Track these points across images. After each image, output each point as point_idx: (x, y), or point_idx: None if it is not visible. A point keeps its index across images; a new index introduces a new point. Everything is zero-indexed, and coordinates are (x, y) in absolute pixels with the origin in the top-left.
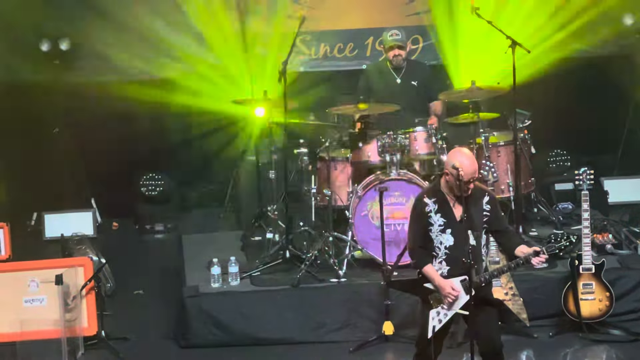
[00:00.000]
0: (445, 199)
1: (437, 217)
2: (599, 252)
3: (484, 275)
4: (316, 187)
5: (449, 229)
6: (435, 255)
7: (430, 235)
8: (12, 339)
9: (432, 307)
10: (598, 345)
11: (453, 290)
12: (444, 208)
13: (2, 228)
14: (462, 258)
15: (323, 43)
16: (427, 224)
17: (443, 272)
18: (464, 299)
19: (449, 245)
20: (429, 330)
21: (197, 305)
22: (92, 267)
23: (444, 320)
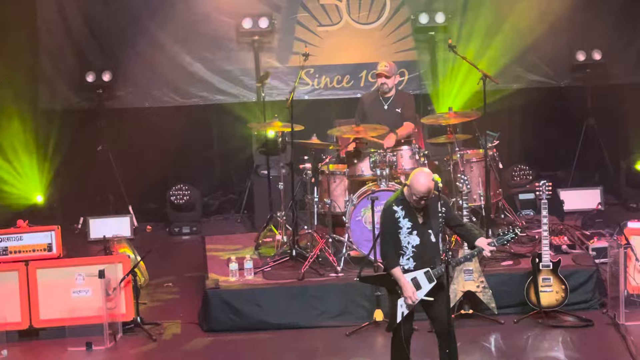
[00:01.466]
0: (409, 206)
1: (405, 221)
2: (556, 252)
3: (441, 267)
4: (318, 197)
5: (415, 230)
6: (403, 253)
7: (400, 237)
8: (62, 323)
9: (399, 296)
10: (555, 330)
11: (413, 295)
12: (409, 213)
13: (54, 230)
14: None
15: (324, 75)
16: (397, 228)
17: (410, 266)
18: (428, 288)
19: (415, 244)
20: (398, 316)
21: (217, 296)
22: (129, 263)
23: (410, 307)
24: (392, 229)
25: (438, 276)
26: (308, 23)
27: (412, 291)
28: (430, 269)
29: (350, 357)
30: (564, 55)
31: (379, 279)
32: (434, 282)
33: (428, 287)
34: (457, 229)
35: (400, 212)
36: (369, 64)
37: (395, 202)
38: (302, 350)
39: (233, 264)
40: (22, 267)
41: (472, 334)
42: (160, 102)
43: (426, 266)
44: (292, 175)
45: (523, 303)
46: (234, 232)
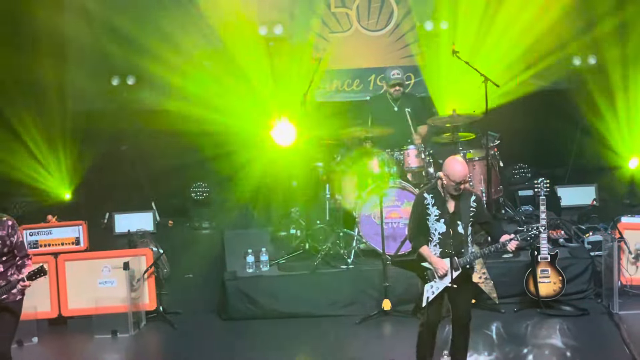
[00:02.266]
0: (440, 196)
1: (433, 209)
2: (554, 245)
3: (468, 256)
4: (330, 193)
5: (442, 219)
6: (431, 239)
7: (427, 224)
8: (89, 312)
9: (427, 281)
10: (553, 319)
11: (444, 266)
12: (439, 202)
13: (82, 225)
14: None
15: (335, 79)
16: (425, 214)
17: (436, 253)
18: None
19: (442, 231)
20: (424, 300)
21: (235, 287)
22: (152, 256)
23: (436, 292)
24: (420, 214)
25: (463, 265)
26: (320, 29)
27: (442, 264)
28: (456, 257)
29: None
30: (561, 60)
31: (410, 264)
32: (459, 271)
33: (453, 274)
34: (485, 225)
35: (430, 199)
36: (378, 68)
37: (427, 190)
38: (315, 338)
39: (250, 256)
40: (51, 260)
41: (475, 323)
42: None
43: (451, 254)
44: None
45: (522, 293)
46: (251, 227)
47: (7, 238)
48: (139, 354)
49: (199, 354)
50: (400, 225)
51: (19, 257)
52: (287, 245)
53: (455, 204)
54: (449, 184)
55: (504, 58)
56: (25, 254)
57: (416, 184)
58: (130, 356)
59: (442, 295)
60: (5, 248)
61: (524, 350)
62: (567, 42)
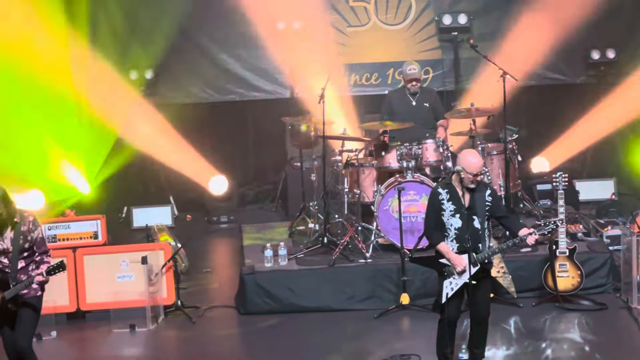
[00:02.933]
0: (455, 190)
1: (448, 204)
2: (572, 239)
3: (486, 252)
4: (348, 187)
5: (457, 214)
6: (447, 235)
7: (443, 219)
8: (107, 306)
9: (446, 278)
10: (571, 313)
11: (462, 262)
12: (454, 197)
13: (100, 219)
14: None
15: (354, 73)
16: (440, 210)
17: (453, 248)
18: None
19: (457, 226)
20: (443, 296)
21: (253, 281)
22: (170, 250)
23: (455, 289)
24: (435, 210)
25: (481, 261)
26: (338, 24)
27: (460, 260)
28: (474, 253)
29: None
30: (579, 54)
31: (429, 261)
32: (477, 267)
33: (472, 270)
34: (502, 219)
35: (445, 195)
36: (396, 62)
37: (442, 186)
38: (333, 332)
39: (268, 250)
40: (70, 254)
41: (493, 317)
42: (198, 98)
43: (468, 250)
44: (323, 167)
45: (541, 287)
46: (269, 221)
47: (29, 234)
48: (157, 348)
49: (217, 348)
50: (418, 220)
51: (39, 253)
52: (306, 240)
53: (470, 198)
54: (466, 177)
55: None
56: (45, 250)
57: (434, 178)
58: (149, 350)
59: (461, 290)
60: (26, 244)
61: (542, 344)
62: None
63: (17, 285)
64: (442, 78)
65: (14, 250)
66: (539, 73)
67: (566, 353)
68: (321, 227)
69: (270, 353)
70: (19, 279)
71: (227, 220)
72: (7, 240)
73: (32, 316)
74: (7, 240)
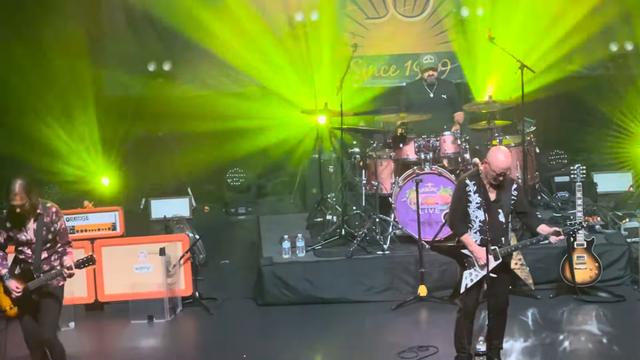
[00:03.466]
0: (482, 183)
1: (475, 196)
2: (590, 231)
3: (509, 247)
4: (366, 179)
5: (483, 206)
6: (471, 227)
7: (468, 211)
8: (126, 298)
9: (466, 269)
10: (589, 305)
11: (485, 255)
12: (481, 190)
13: (118, 211)
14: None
15: (371, 65)
16: (466, 201)
17: (477, 240)
18: (492, 265)
19: (482, 219)
20: (462, 287)
21: (271, 272)
22: (188, 241)
23: (475, 280)
24: (461, 201)
25: (503, 255)
26: (356, 16)
27: (483, 254)
28: (497, 247)
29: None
30: (597, 46)
31: (449, 250)
32: (499, 260)
33: (493, 264)
34: (522, 215)
35: (472, 187)
36: (414, 54)
37: (469, 177)
38: (350, 323)
39: (286, 242)
40: (88, 245)
41: (511, 309)
42: (216, 89)
43: (492, 243)
44: (341, 159)
45: (558, 279)
46: (287, 212)
47: (51, 225)
48: (175, 340)
49: (235, 339)
50: (436, 211)
51: (61, 244)
52: (323, 231)
53: (497, 192)
54: (489, 172)
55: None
56: (67, 242)
57: (452, 170)
58: (167, 341)
59: (480, 282)
60: (49, 235)
61: (560, 336)
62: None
63: (41, 276)
64: (460, 70)
65: (37, 242)
66: (556, 65)
67: (584, 345)
68: (339, 218)
69: (288, 344)
70: (42, 269)
71: (245, 212)
72: (30, 231)
73: (56, 306)
74: (30, 232)
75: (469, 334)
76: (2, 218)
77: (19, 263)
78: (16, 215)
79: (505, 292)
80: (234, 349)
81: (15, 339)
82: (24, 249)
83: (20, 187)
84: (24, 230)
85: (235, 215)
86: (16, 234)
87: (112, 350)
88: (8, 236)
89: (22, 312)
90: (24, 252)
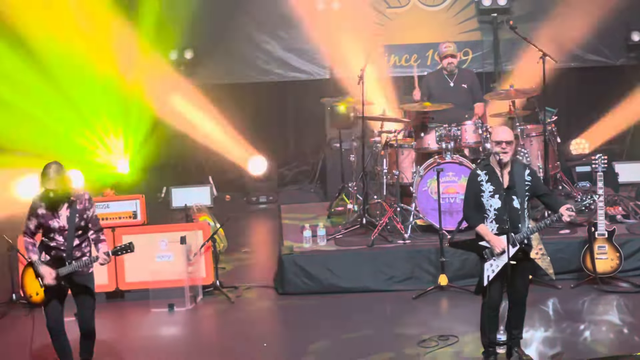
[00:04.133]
0: (494, 171)
1: (487, 185)
2: (611, 221)
3: (525, 231)
4: (387, 168)
5: (497, 194)
6: (487, 216)
7: (482, 201)
8: (146, 286)
9: (486, 260)
10: (610, 295)
11: (501, 243)
12: (493, 178)
13: (139, 199)
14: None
15: (393, 54)
16: (479, 191)
17: (493, 229)
18: (511, 252)
19: (497, 207)
20: (485, 279)
21: (292, 261)
22: (209, 230)
23: (496, 270)
24: (474, 191)
25: (520, 241)
26: (378, 5)
27: (499, 242)
28: (512, 234)
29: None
30: (619, 36)
31: (468, 244)
32: (517, 247)
33: (511, 251)
34: (543, 197)
35: (484, 176)
36: (435, 43)
37: (480, 167)
38: (371, 312)
39: (307, 231)
40: (109, 233)
41: (532, 298)
42: (238, 79)
43: (509, 230)
44: (362, 148)
45: (579, 269)
46: (308, 201)
47: (84, 212)
48: (195, 328)
49: (256, 328)
50: (457, 201)
51: (94, 231)
52: (344, 220)
53: (509, 178)
54: (492, 146)
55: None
56: (100, 228)
57: (473, 159)
58: (187, 330)
59: (503, 272)
60: (82, 222)
61: (580, 326)
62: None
63: (73, 263)
64: (481, 59)
65: (69, 228)
66: (578, 54)
67: (604, 335)
68: (360, 207)
69: (308, 333)
70: (73, 256)
71: (266, 201)
72: (62, 218)
73: (93, 295)
74: (62, 218)
75: (495, 326)
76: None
77: (49, 250)
78: (50, 200)
79: (524, 280)
80: (255, 337)
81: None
82: (55, 236)
83: (55, 172)
84: (56, 216)
85: (256, 204)
86: (48, 220)
87: (132, 339)
88: (39, 223)
89: (49, 298)
90: (56, 239)
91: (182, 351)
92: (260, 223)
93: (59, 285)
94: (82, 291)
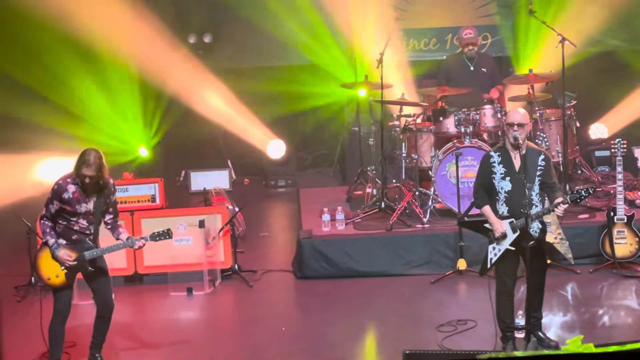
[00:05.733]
0: (507, 154)
1: (499, 167)
2: (630, 206)
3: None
4: (406, 152)
5: (508, 176)
6: (497, 199)
7: (494, 182)
8: (165, 270)
9: (490, 242)
10: (628, 280)
11: (501, 228)
12: (506, 160)
13: (158, 183)
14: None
15: (412, 38)
16: (491, 172)
17: (503, 212)
18: (512, 238)
19: (507, 189)
20: (488, 262)
21: (310, 245)
22: (228, 214)
23: (498, 254)
24: (485, 173)
25: (520, 227)
26: None
27: (499, 225)
28: (513, 219)
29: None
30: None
31: (476, 225)
32: (517, 233)
33: (512, 237)
34: (545, 185)
35: (497, 158)
36: (454, 28)
37: (494, 149)
38: (390, 296)
39: (325, 215)
40: (127, 217)
41: (550, 283)
42: (256, 63)
43: (520, 213)
44: (381, 132)
45: (598, 254)
46: (327, 185)
47: (108, 197)
48: (214, 312)
49: (274, 312)
50: None
51: (112, 216)
52: (363, 204)
53: (522, 162)
54: (506, 128)
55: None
56: (117, 213)
57: (492, 143)
58: (205, 313)
59: (517, 257)
60: (104, 206)
61: (599, 311)
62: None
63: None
64: (500, 44)
65: (96, 213)
66: (598, 39)
67: (623, 320)
68: (379, 191)
69: (326, 317)
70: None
71: (284, 185)
72: (91, 203)
73: (108, 274)
74: (90, 203)
75: (511, 311)
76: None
77: (71, 234)
78: (85, 185)
79: (541, 264)
80: (273, 321)
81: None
82: (79, 220)
83: (95, 159)
84: (85, 201)
85: (275, 187)
86: (75, 204)
87: (151, 322)
88: (61, 207)
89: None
90: (79, 222)
91: (200, 335)
92: (278, 207)
93: (81, 269)
94: (99, 272)
